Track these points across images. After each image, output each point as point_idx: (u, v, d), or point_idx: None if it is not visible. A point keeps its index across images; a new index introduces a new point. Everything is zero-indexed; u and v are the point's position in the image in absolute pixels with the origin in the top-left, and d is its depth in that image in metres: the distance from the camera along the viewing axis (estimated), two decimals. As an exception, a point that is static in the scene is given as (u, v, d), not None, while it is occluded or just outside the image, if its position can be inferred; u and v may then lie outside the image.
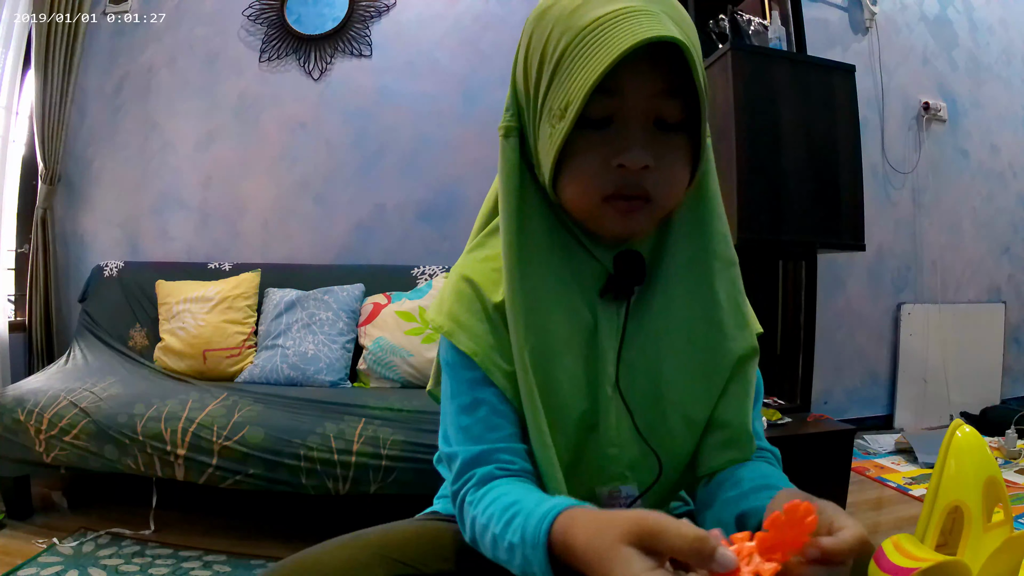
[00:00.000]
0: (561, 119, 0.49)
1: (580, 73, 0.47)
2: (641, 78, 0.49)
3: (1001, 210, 2.94)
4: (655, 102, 0.50)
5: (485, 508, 0.51)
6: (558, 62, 0.49)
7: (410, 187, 2.46)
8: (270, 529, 1.60)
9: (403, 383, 1.93)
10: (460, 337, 0.56)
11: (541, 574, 0.44)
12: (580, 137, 0.50)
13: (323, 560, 0.53)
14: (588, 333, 0.57)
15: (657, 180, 0.52)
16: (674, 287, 0.57)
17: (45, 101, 2.33)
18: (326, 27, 2.46)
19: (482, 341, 0.55)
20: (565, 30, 0.49)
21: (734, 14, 1.98)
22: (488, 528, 0.49)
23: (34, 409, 1.52)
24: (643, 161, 0.50)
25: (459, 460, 0.55)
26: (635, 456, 0.57)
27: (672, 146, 0.52)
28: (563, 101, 0.49)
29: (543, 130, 0.52)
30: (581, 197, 0.53)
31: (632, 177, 0.51)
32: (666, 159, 0.52)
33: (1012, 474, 2.01)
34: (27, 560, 1.37)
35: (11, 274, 2.45)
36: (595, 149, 0.51)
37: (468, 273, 0.58)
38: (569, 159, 0.51)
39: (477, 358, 0.55)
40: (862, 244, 1.90)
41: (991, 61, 2.93)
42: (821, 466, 1.61)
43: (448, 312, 0.57)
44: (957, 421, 0.52)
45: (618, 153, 0.50)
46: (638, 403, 0.57)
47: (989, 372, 2.82)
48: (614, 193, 0.51)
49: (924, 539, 0.50)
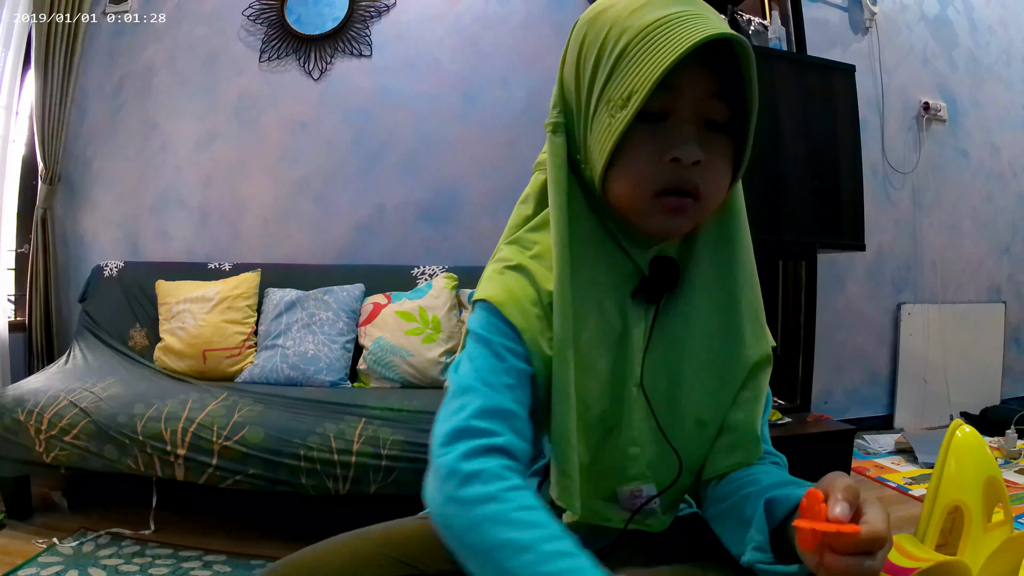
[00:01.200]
0: (623, 108, 0.50)
1: (646, 65, 0.49)
2: (697, 78, 0.51)
3: (1001, 210, 2.94)
4: (707, 102, 0.52)
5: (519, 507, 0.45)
6: (619, 57, 0.50)
7: (410, 187, 2.46)
8: (270, 529, 1.60)
9: (403, 383, 1.93)
10: (511, 309, 0.54)
11: None
12: (635, 131, 0.51)
13: (324, 558, 0.53)
14: (617, 333, 0.58)
15: (706, 177, 0.53)
16: (698, 295, 0.59)
17: (45, 101, 2.32)
18: (326, 27, 2.45)
19: (532, 321, 0.55)
20: (625, 28, 0.50)
21: (734, 14, 1.98)
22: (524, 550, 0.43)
23: (34, 409, 1.52)
24: (696, 156, 0.51)
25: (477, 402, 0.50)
26: (654, 456, 0.58)
27: (719, 147, 0.54)
28: (626, 91, 0.50)
29: (599, 122, 0.53)
30: (633, 191, 0.53)
31: (684, 173, 0.52)
32: (714, 158, 0.53)
33: (1012, 474, 2.01)
34: (27, 560, 1.37)
35: (11, 274, 2.44)
36: (650, 142, 0.52)
37: (522, 262, 0.57)
38: (622, 153, 0.52)
39: (526, 334, 0.54)
40: (862, 244, 1.90)
41: (991, 61, 2.93)
42: (821, 466, 1.60)
43: (503, 286, 0.56)
44: (957, 421, 0.52)
45: (672, 147, 0.51)
46: (658, 404, 0.58)
47: (989, 372, 2.82)
48: (665, 188, 0.52)
49: (924, 539, 0.50)
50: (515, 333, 0.54)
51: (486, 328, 0.55)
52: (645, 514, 0.58)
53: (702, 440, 0.59)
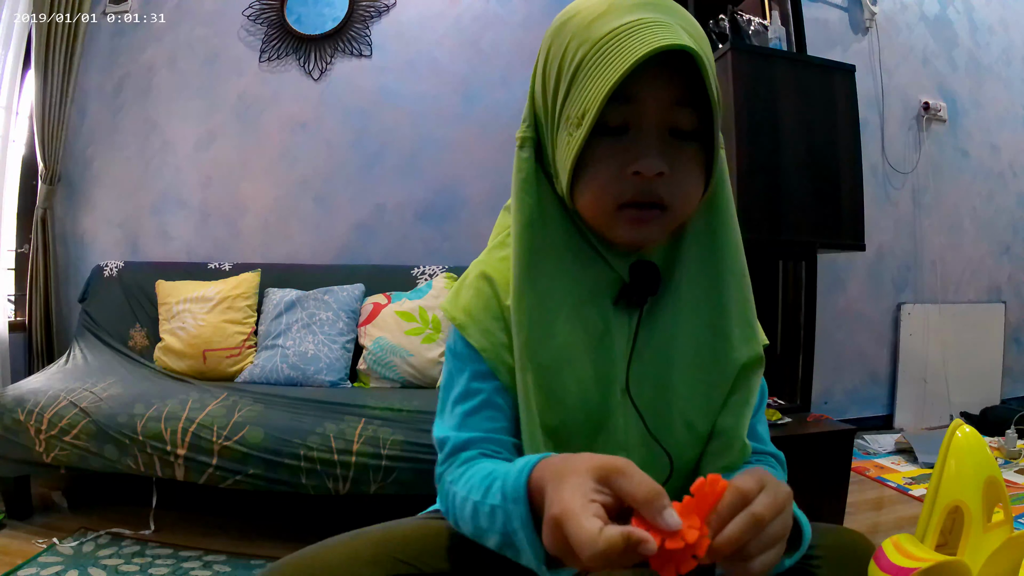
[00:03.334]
0: (578, 126, 0.50)
1: (597, 81, 0.48)
2: (657, 87, 0.50)
3: (1001, 210, 2.94)
4: (670, 111, 0.51)
5: (465, 481, 0.52)
6: (575, 72, 0.50)
7: (410, 187, 2.46)
8: (270, 529, 1.60)
9: (403, 383, 1.93)
10: (472, 331, 0.58)
11: (522, 526, 0.45)
12: (597, 145, 0.51)
13: (324, 557, 0.53)
14: (599, 340, 0.57)
15: (671, 188, 0.52)
16: (685, 297, 0.58)
17: (45, 101, 2.33)
18: (326, 27, 2.46)
19: (493, 338, 0.57)
20: (583, 41, 0.50)
21: (734, 14, 1.98)
22: (468, 499, 0.51)
23: (34, 409, 1.52)
24: (658, 168, 0.50)
25: (449, 444, 0.57)
26: (643, 459, 0.57)
27: (686, 155, 0.53)
28: (580, 109, 0.50)
29: (561, 139, 0.53)
30: (596, 204, 0.53)
31: (647, 185, 0.51)
32: (680, 167, 0.52)
33: (1012, 474, 2.01)
34: (27, 560, 1.37)
35: (11, 274, 2.45)
36: (611, 157, 0.52)
37: (488, 271, 0.60)
38: (586, 167, 0.52)
39: (486, 354, 0.57)
40: (862, 244, 1.90)
41: (991, 61, 2.93)
42: (821, 466, 1.61)
43: (464, 306, 0.59)
44: (957, 421, 0.52)
45: (634, 160, 0.51)
46: (645, 409, 0.58)
47: (989, 372, 2.82)
48: (629, 201, 0.52)
49: (924, 539, 0.50)
50: (476, 353, 0.57)
51: (456, 350, 0.60)
52: None
53: (693, 444, 0.59)
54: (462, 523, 0.53)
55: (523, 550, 0.46)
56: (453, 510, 0.54)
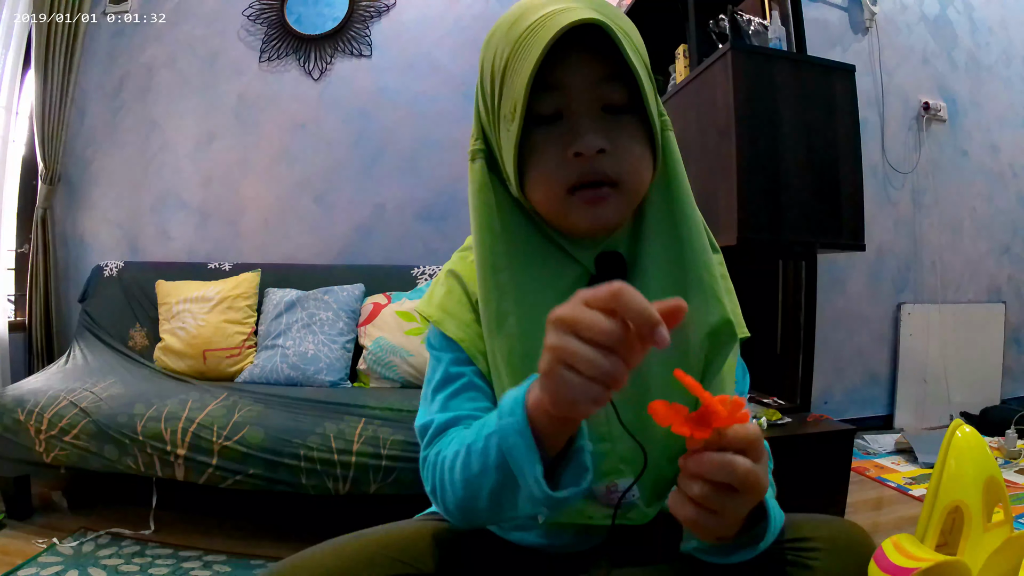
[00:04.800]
0: (512, 120, 0.52)
1: (520, 72, 0.50)
2: (580, 68, 0.52)
3: (1001, 210, 2.94)
4: (599, 89, 0.53)
5: (452, 441, 0.53)
6: (504, 72, 0.52)
7: (410, 187, 2.46)
8: (270, 529, 1.60)
9: (403, 383, 1.93)
10: (448, 325, 0.60)
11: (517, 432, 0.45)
12: (535, 136, 0.53)
13: (323, 559, 0.53)
14: None
15: (617, 163, 0.53)
16: (652, 282, 0.58)
17: (45, 101, 2.33)
18: (326, 27, 2.46)
19: (469, 329, 0.59)
20: (507, 44, 0.52)
21: (734, 14, 1.98)
22: (459, 452, 0.51)
23: (34, 409, 1.52)
24: (597, 145, 0.52)
25: (433, 425, 0.57)
26: (626, 450, 0.57)
27: (625, 130, 0.54)
28: (511, 103, 0.52)
29: (502, 137, 0.55)
30: (547, 193, 0.54)
31: (591, 164, 0.52)
32: (621, 141, 0.53)
33: (1012, 474, 2.01)
34: (27, 560, 1.37)
35: (11, 274, 2.45)
36: (551, 144, 0.53)
37: (455, 268, 0.63)
38: (530, 160, 0.54)
39: (464, 344, 0.59)
40: (862, 244, 1.90)
41: (991, 61, 2.93)
42: (821, 466, 1.61)
43: (438, 303, 0.62)
44: (957, 421, 0.52)
45: (572, 142, 0.52)
46: (626, 397, 0.57)
47: (989, 372, 2.81)
48: (577, 183, 0.53)
49: (924, 539, 0.50)
50: (455, 344, 0.59)
51: (435, 344, 0.62)
52: (626, 507, 0.57)
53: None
54: (453, 488, 0.52)
55: (522, 467, 0.45)
56: (440, 478, 0.53)
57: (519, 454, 0.45)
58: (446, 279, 0.63)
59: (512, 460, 0.46)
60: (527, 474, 0.45)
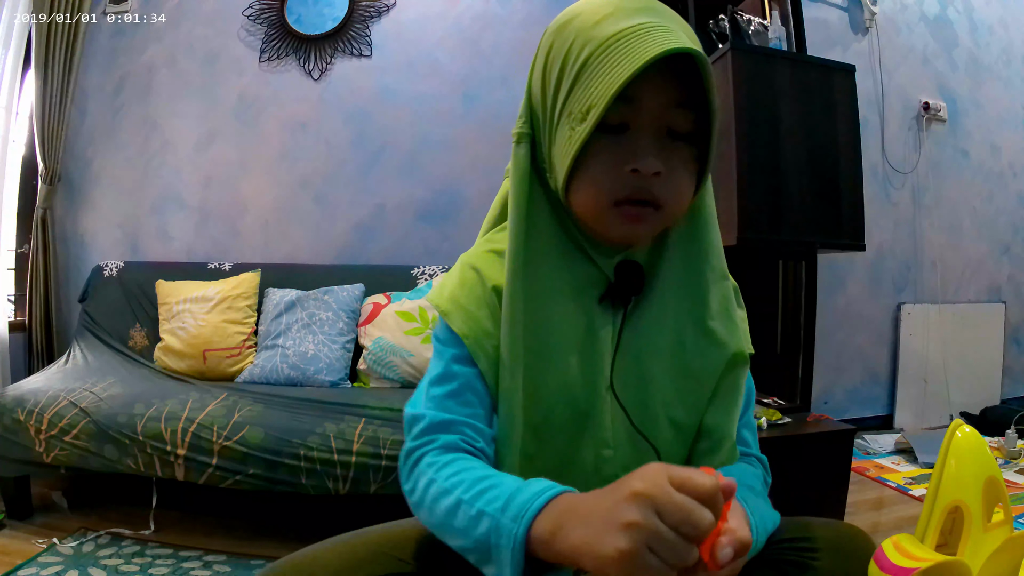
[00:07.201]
0: (582, 121, 0.51)
1: (604, 79, 0.49)
2: (657, 88, 0.51)
3: (1001, 210, 2.94)
4: (668, 112, 0.53)
5: (451, 475, 0.51)
6: (581, 69, 0.51)
7: (410, 187, 2.46)
8: (270, 529, 1.60)
9: (403, 383, 1.93)
10: (455, 318, 0.58)
11: (510, 546, 0.43)
12: (596, 142, 0.52)
13: (323, 557, 0.53)
14: (583, 337, 0.58)
15: (666, 188, 0.53)
16: (668, 296, 0.59)
17: (45, 101, 2.32)
18: (326, 27, 2.45)
19: (476, 326, 0.58)
20: (588, 40, 0.51)
21: (734, 14, 1.98)
22: (450, 493, 0.49)
23: (34, 409, 1.52)
24: (656, 167, 0.52)
25: (425, 421, 0.56)
26: (630, 456, 0.58)
27: (680, 156, 0.54)
28: (585, 105, 0.51)
29: (561, 134, 0.54)
30: (593, 200, 0.54)
31: (643, 183, 0.52)
32: (675, 168, 0.54)
33: (1012, 474, 2.01)
34: (27, 560, 1.37)
35: (11, 274, 2.44)
36: (610, 154, 0.53)
37: (473, 261, 0.61)
38: (584, 163, 0.53)
39: (467, 340, 0.57)
40: (862, 244, 1.90)
41: (991, 61, 2.93)
42: (821, 466, 1.61)
43: (449, 295, 0.60)
44: (957, 421, 0.52)
45: (632, 158, 0.52)
46: (629, 406, 0.58)
47: (989, 372, 2.82)
48: (625, 198, 0.53)
49: (924, 539, 0.50)
50: (458, 339, 0.58)
51: (439, 336, 0.60)
52: None
53: (679, 441, 0.59)
54: (430, 512, 0.51)
55: (502, 568, 0.44)
56: (424, 495, 0.52)
57: (502, 556, 0.44)
58: (461, 271, 0.61)
59: (495, 554, 0.45)
60: (503, 571, 0.45)
